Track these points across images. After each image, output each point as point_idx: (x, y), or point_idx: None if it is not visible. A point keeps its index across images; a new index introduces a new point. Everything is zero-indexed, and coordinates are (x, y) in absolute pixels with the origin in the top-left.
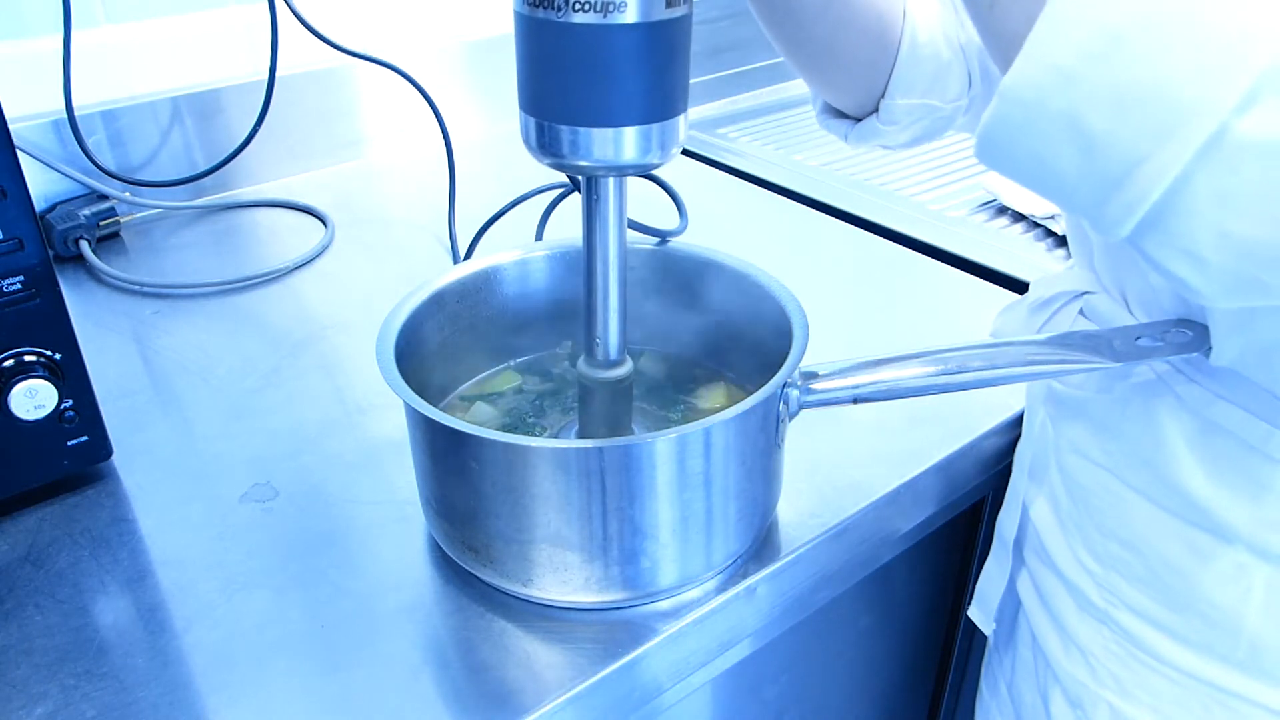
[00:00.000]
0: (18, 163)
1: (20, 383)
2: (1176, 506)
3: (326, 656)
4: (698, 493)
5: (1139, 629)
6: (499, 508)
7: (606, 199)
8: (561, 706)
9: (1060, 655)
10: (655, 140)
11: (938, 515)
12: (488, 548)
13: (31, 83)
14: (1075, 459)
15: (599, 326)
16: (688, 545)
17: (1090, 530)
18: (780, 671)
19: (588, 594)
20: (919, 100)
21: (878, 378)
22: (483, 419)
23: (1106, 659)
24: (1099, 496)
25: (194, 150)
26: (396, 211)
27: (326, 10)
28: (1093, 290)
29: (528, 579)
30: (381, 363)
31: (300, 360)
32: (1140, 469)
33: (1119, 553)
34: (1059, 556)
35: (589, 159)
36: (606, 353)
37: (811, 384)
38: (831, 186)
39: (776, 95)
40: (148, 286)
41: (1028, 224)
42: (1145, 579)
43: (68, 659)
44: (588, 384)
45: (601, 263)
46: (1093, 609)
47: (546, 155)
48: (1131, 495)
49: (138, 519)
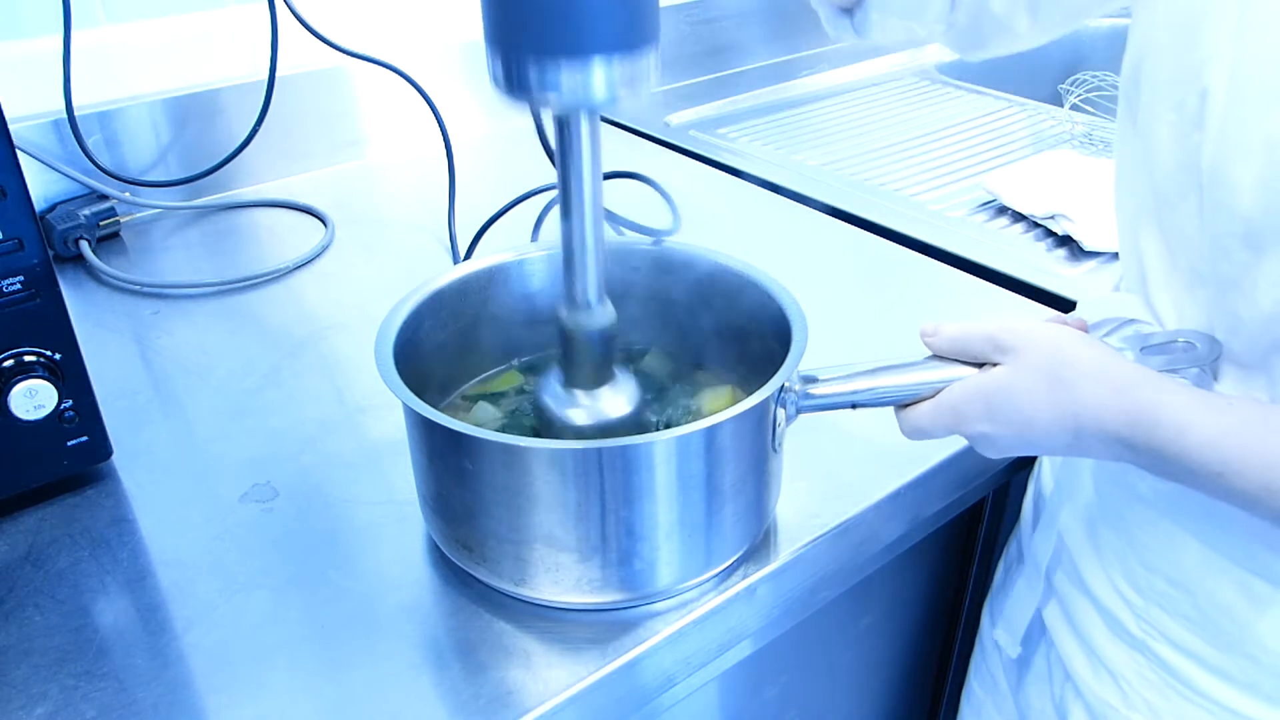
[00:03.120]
0: (18, 163)
1: (20, 383)
2: (1234, 553)
3: (326, 656)
4: (692, 495)
5: (1178, 661)
6: (493, 507)
7: (579, 136)
8: (561, 706)
9: (1088, 676)
10: (625, 72)
11: (938, 515)
12: (481, 546)
13: (31, 83)
14: (1118, 491)
15: (577, 269)
16: (682, 548)
17: (1132, 564)
18: (780, 671)
19: (580, 594)
20: (895, 20)
21: (877, 384)
22: (485, 419)
23: (1140, 685)
24: (1145, 532)
25: (194, 150)
26: (396, 212)
27: (326, 11)
28: (1144, 320)
29: (520, 578)
30: (380, 362)
31: (300, 360)
32: (1197, 513)
33: (1164, 589)
34: (1094, 582)
35: (558, 92)
36: (585, 297)
37: (810, 388)
38: (831, 186)
39: (776, 95)
40: (148, 286)
41: (1028, 224)
42: (1192, 617)
43: (68, 659)
44: (569, 331)
45: (577, 203)
46: (1128, 636)
47: (516, 92)
48: (1184, 536)
49: (137, 519)
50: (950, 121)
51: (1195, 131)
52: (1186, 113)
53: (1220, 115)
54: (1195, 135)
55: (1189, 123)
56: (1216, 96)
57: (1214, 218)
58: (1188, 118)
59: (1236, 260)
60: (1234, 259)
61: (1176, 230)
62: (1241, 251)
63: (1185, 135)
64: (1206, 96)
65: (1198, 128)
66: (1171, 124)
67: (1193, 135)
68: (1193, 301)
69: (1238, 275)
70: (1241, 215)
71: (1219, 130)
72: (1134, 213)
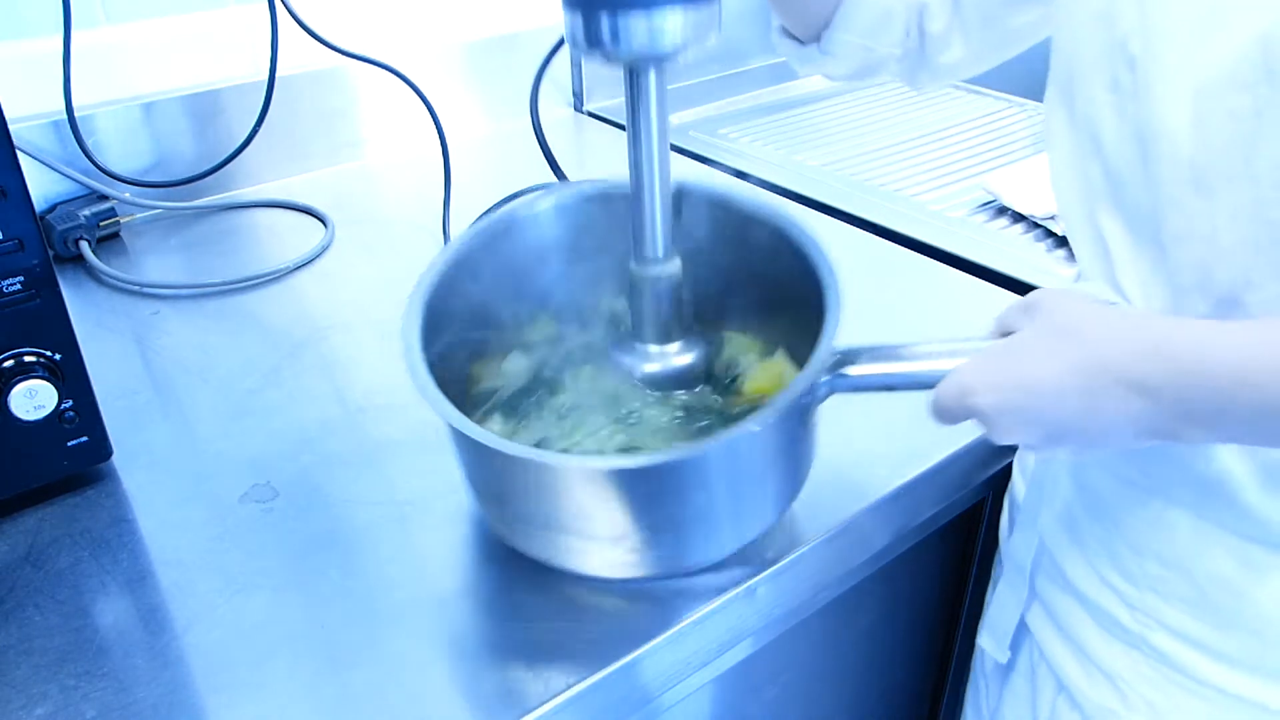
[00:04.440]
0: (18, 163)
1: (20, 383)
2: (1227, 520)
3: (326, 657)
4: (728, 490)
5: (1177, 650)
6: (526, 503)
7: (648, 90)
8: (561, 706)
9: (1082, 681)
10: (692, 22)
11: (938, 516)
12: (512, 524)
13: (31, 83)
14: (1100, 475)
15: (646, 222)
16: (713, 531)
17: (1120, 549)
18: (780, 671)
19: (612, 572)
20: (858, 39)
21: (914, 368)
22: (516, 369)
23: (1138, 683)
24: (1131, 513)
25: (194, 150)
26: (395, 211)
27: (325, 12)
28: (1114, 301)
29: (549, 558)
30: (413, 377)
31: (300, 360)
32: (1185, 483)
33: (1157, 571)
34: (1079, 580)
35: (630, 43)
36: (655, 249)
37: (845, 369)
38: (831, 186)
39: (776, 95)
40: (147, 287)
41: (1028, 224)
42: (1189, 598)
43: (68, 659)
44: (635, 281)
45: (646, 156)
46: (1122, 632)
47: (592, 46)
48: (1173, 511)
49: (138, 519)
50: (950, 121)
51: (1132, 101)
52: (1122, 87)
53: (1147, 76)
54: (1133, 104)
55: (1126, 95)
56: (1143, 62)
57: (1161, 173)
58: (1124, 91)
59: (1192, 210)
60: (1189, 209)
61: (1134, 206)
62: (1194, 199)
63: (1124, 106)
64: (1134, 65)
65: (1134, 97)
66: (1110, 103)
67: (1130, 105)
68: (1159, 274)
69: (1196, 225)
70: (1185, 160)
71: (1149, 89)
72: (1087, 200)
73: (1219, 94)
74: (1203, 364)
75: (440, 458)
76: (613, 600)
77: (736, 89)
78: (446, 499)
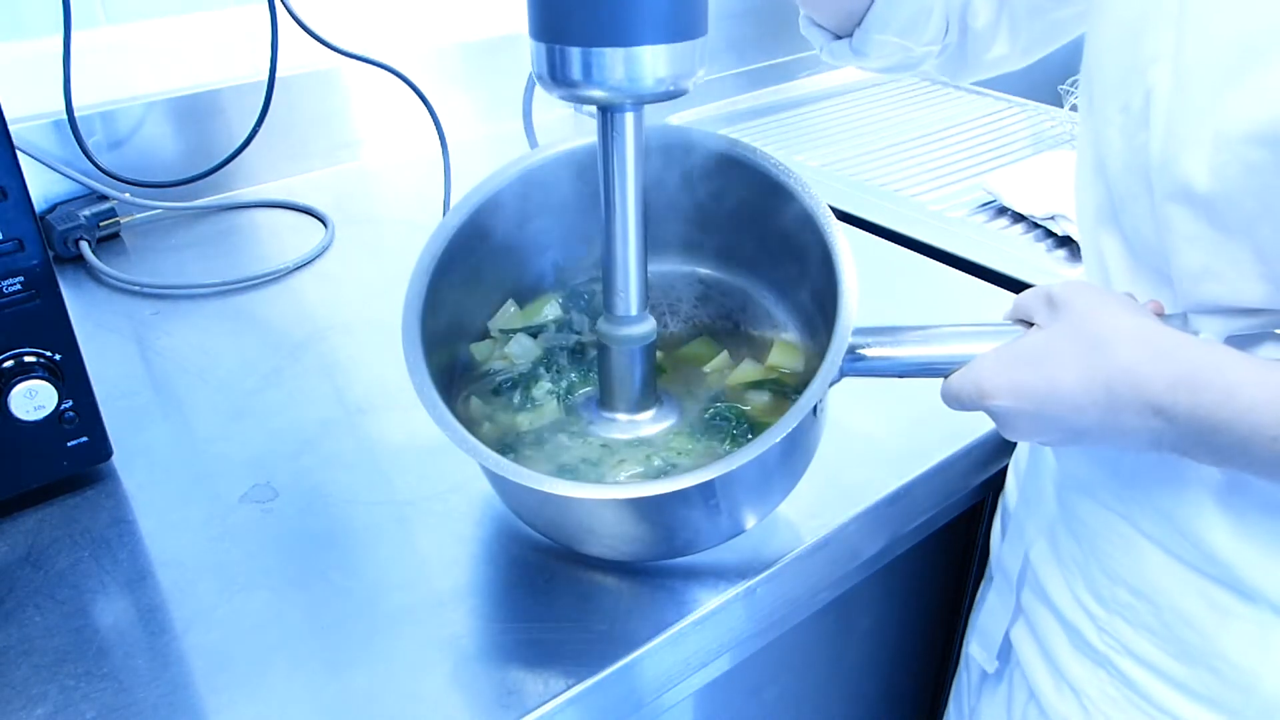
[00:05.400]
0: (18, 163)
1: (20, 383)
2: (1197, 560)
3: (326, 657)
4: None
5: (1140, 676)
6: (552, 514)
7: (624, 134)
8: (561, 707)
9: (1050, 693)
10: (673, 62)
11: (937, 517)
12: (543, 528)
13: (31, 83)
14: (1080, 498)
15: (618, 278)
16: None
17: (1095, 572)
18: (780, 672)
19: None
20: (893, 38)
21: (930, 352)
22: (523, 352)
23: (1102, 701)
24: (1107, 540)
25: (194, 150)
26: (395, 212)
27: (324, 12)
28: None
29: (568, 548)
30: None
31: (300, 360)
32: (1158, 519)
33: (1127, 599)
34: (1056, 594)
35: (602, 84)
36: (627, 307)
37: (862, 350)
38: (831, 186)
39: (778, 95)
40: (148, 287)
41: (1028, 224)
42: (1155, 629)
43: (67, 660)
44: (607, 343)
45: (621, 207)
46: (1090, 651)
47: (559, 86)
48: (1145, 544)
49: (137, 520)
50: (950, 122)
51: (1141, 131)
52: (1132, 113)
53: (1166, 112)
54: (1142, 135)
55: (1135, 123)
56: (1161, 94)
57: (1169, 214)
58: (1134, 118)
59: (1205, 247)
60: (1205, 244)
61: (1134, 231)
62: (1212, 234)
63: (1132, 135)
64: (1151, 96)
65: (1144, 127)
66: (1119, 125)
67: (1139, 135)
68: (1158, 298)
69: (1213, 262)
70: (1202, 199)
71: (1166, 127)
72: (1094, 214)
73: (1239, 146)
74: (1231, 404)
75: (440, 458)
76: (613, 601)
77: (737, 89)
78: (446, 499)
